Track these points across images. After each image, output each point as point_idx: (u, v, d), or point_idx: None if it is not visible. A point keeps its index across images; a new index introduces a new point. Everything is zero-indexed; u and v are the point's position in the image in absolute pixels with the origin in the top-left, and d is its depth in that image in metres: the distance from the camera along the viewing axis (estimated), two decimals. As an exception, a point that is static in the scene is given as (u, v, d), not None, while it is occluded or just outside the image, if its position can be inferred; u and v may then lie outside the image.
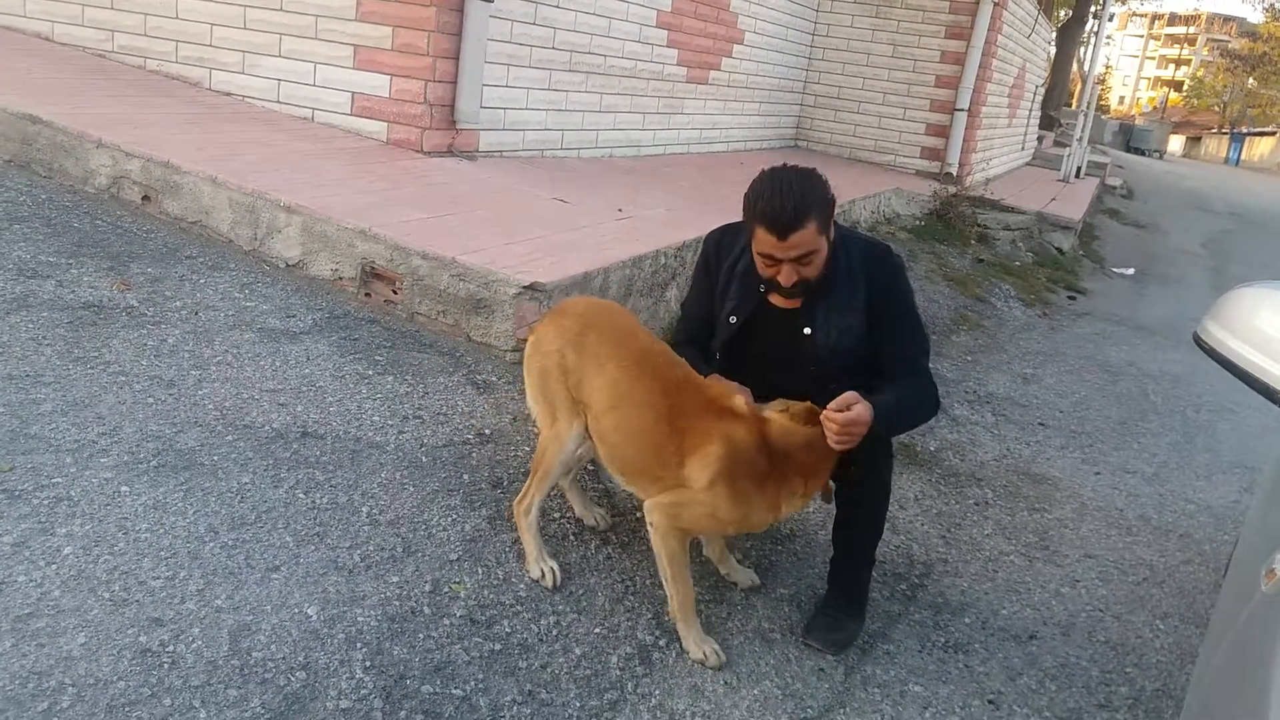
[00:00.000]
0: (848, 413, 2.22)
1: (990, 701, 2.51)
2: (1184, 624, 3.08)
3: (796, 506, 2.40)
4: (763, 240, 2.35)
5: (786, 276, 2.39)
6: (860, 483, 2.55)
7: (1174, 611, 3.15)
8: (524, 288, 3.44)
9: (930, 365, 2.61)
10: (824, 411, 2.26)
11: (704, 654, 2.38)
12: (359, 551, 2.38)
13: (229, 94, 5.51)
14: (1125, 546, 3.55)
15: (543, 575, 2.48)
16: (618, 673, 2.28)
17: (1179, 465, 4.48)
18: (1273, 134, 50.54)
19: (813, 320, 2.50)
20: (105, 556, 2.13)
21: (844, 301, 2.49)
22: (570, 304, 2.65)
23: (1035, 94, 16.11)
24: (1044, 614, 2.99)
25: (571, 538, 2.72)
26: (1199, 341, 1.72)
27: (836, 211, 2.49)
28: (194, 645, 1.97)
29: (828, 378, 2.43)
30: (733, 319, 2.57)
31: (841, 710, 2.36)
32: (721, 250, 2.65)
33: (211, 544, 2.27)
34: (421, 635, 2.19)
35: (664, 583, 2.42)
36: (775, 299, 2.54)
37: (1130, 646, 2.90)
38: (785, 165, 2.41)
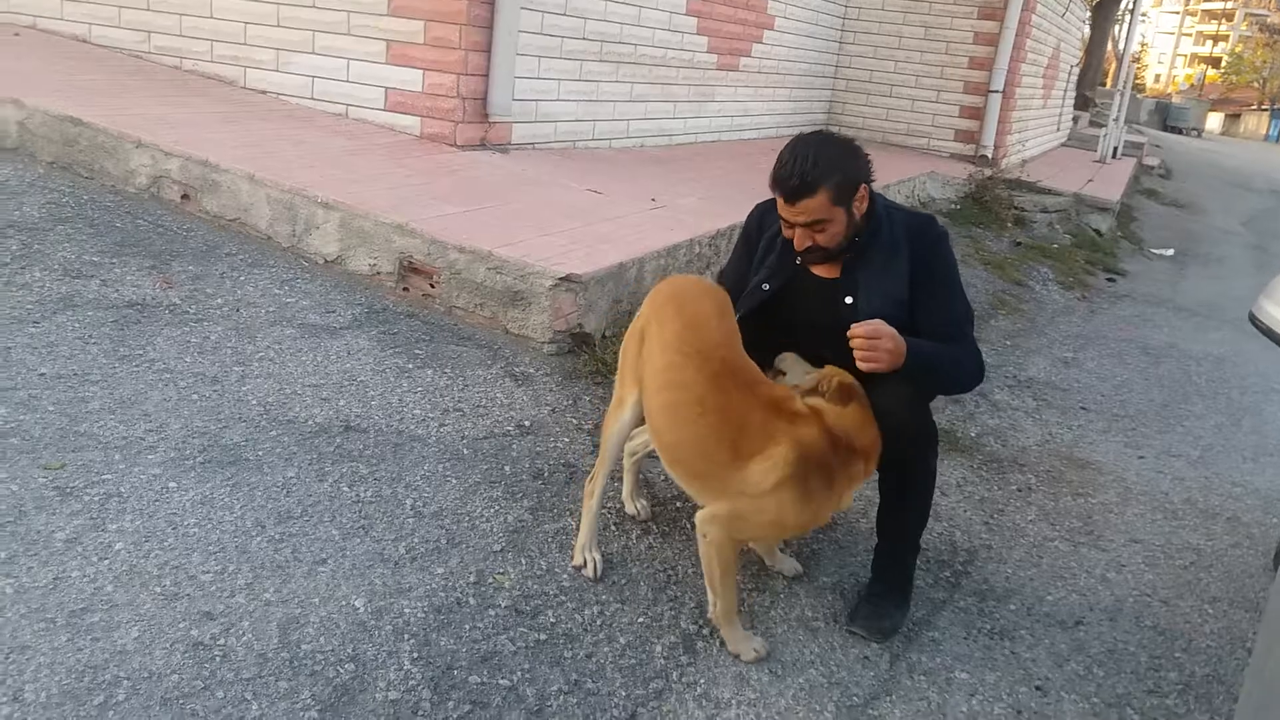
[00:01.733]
0: (870, 327, 2.24)
1: (1037, 688, 2.49)
2: (1233, 608, 3.03)
3: (857, 488, 2.37)
4: (778, 201, 2.41)
5: (799, 240, 2.42)
6: (906, 469, 2.52)
7: (1223, 596, 3.10)
8: (560, 279, 3.44)
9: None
10: (850, 329, 2.27)
11: (753, 650, 2.37)
12: (404, 544, 2.40)
13: (264, 91, 5.56)
14: (1171, 530, 3.50)
15: (584, 564, 2.49)
16: (662, 661, 2.29)
17: (1224, 448, 4.41)
18: (1315, 109, 49.52)
19: (855, 289, 2.49)
20: (156, 551, 2.17)
21: (886, 269, 2.48)
22: (677, 278, 2.57)
23: (1070, 74, 15.87)
24: (1090, 599, 2.95)
25: (613, 528, 2.73)
26: (1255, 321, 1.69)
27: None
28: (244, 638, 2.00)
29: None
30: (765, 286, 2.57)
31: (887, 698, 2.35)
32: (764, 223, 2.67)
33: (259, 538, 2.30)
34: (468, 626, 2.20)
35: (709, 588, 2.35)
36: (816, 268, 2.54)
37: (1179, 631, 2.86)
38: (820, 132, 2.43)
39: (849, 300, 2.49)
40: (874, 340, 2.25)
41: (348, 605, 2.16)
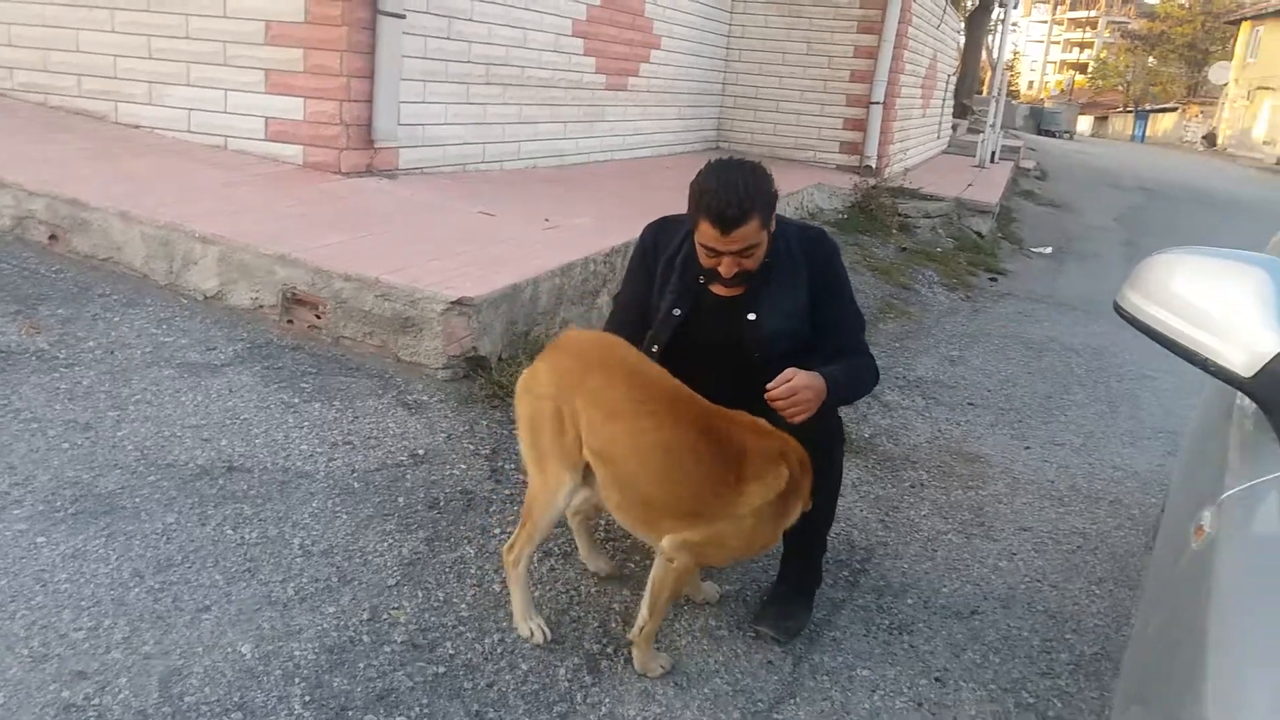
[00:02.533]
0: (786, 385, 2.26)
1: (937, 679, 2.54)
2: (1118, 588, 3.16)
3: (799, 510, 2.36)
4: (706, 233, 2.38)
5: (728, 268, 2.42)
6: (815, 466, 2.55)
7: (1108, 576, 3.23)
8: (452, 303, 3.40)
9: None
10: (766, 391, 2.27)
11: (659, 667, 2.37)
12: (293, 584, 2.33)
13: (137, 126, 5.38)
14: (1058, 517, 3.63)
15: (531, 634, 2.36)
16: (566, 684, 2.26)
17: (1105, 434, 4.60)
18: (1174, 110, 52.22)
19: (757, 305, 2.52)
20: (22, 612, 2.06)
21: (786, 284, 2.53)
22: (569, 340, 2.43)
23: (947, 83, 16.44)
24: (984, 589, 3.04)
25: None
26: (1119, 309, 1.75)
27: None
28: (121, 696, 1.91)
29: (769, 363, 2.44)
30: (676, 311, 2.57)
31: (792, 701, 2.37)
32: (660, 243, 2.65)
33: (137, 589, 2.20)
34: (362, 664, 2.15)
35: (648, 609, 2.32)
36: (717, 288, 2.56)
37: (1068, 614, 2.96)
38: (732, 158, 2.44)
39: (751, 317, 2.52)
40: (793, 396, 2.27)
41: (234, 652, 2.09)
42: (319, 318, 3.57)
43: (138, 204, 3.86)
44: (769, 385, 2.29)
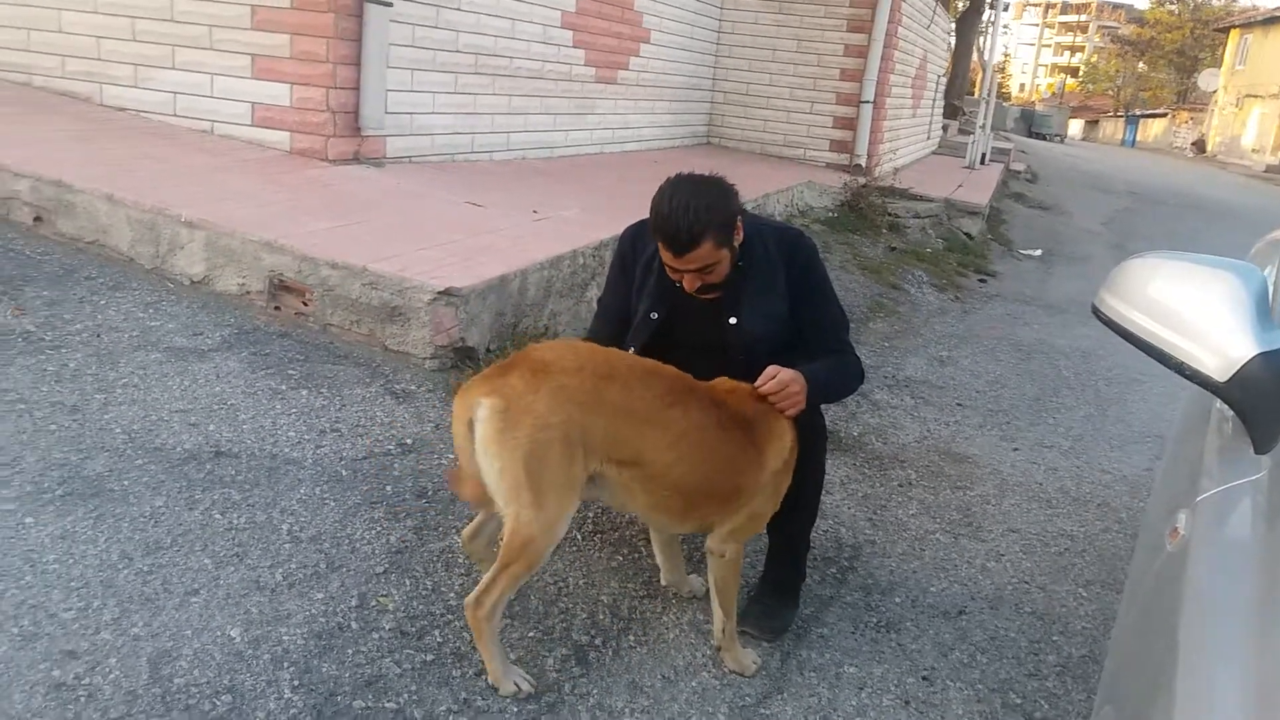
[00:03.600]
0: (775, 380, 2.35)
1: (924, 678, 2.55)
2: (1105, 590, 3.17)
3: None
4: (664, 254, 2.41)
5: (690, 283, 2.44)
6: (799, 466, 2.56)
7: (1096, 579, 3.24)
8: (439, 293, 3.38)
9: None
10: (758, 386, 2.37)
11: (753, 664, 2.45)
12: (281, 570, 2.32)
13: (122, 109, 5.33)
14: (1046, 519, 3.64)
15: (517, 688, 2.15)
16: (554, 674, 2.26)
17: (1094, 437, 4.61)
18: (1164, 115, 52.59)
19: (738, 309, 2.53)
20: (11, 591, 2.04)
21: (766, 287, 2.54)
22: (549, 359, 2.16)
23: (938, 84, 16.48)
24: (971, 589, 3.04)
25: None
26: (1097, 312, 1.76)
27: (752, 207, 2.51)
28: (111, 676, 1.90)
29: (751, 365, 2.45)
30: (653, 315, 2.57)
31: (779, 696, 2.37)
32: (637, 247, 2.65)
33: (125, 571, 2.18)
34: (350, 651, 2.13)
35: (722, 609, 2.39)
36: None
37: (1056, 615, 2.97)
38: (689, 176, 2.41)
39: (733, 321, 2.53)
40: (783, 390, 2.36)
41: (223, 635, 2.07)
42: (306, 305, 3.55)
43: (123, 187, 3.82)
44: (757, 383, 2.37)
